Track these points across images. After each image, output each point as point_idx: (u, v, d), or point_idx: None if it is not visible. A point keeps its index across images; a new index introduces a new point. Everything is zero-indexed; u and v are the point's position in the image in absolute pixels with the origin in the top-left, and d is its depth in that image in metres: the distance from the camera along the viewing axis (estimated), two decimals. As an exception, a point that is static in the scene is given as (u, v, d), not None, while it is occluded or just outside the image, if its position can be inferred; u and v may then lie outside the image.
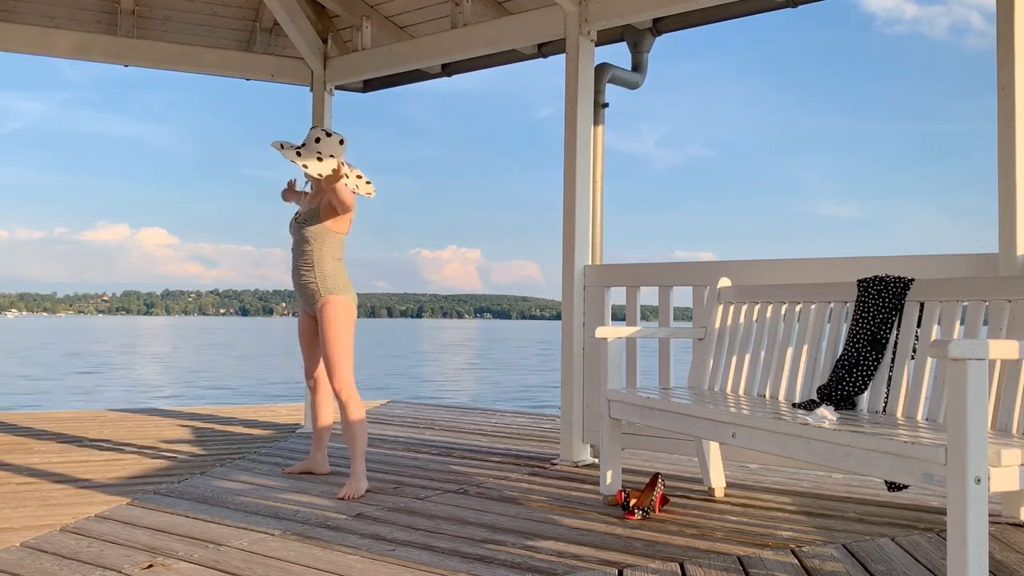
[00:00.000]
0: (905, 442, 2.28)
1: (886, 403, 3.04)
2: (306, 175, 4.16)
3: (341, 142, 4.11)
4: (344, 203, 3.99)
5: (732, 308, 3.88)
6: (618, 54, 5.45)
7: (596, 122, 5.08)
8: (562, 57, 4.86)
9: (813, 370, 3.39)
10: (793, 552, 2.94)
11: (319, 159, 4.01)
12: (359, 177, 4.18)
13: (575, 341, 4.76)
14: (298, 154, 4.02)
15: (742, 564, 2.81)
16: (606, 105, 5.21)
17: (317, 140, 4.07)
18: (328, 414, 4.43)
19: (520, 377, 26.19)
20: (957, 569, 2.08)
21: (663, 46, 5.45)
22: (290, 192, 4.50)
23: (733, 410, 3.03)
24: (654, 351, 4.57)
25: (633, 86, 5.44)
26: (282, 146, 4.06)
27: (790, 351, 3.52)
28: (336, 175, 3.87)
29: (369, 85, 6.52)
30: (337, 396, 4.05)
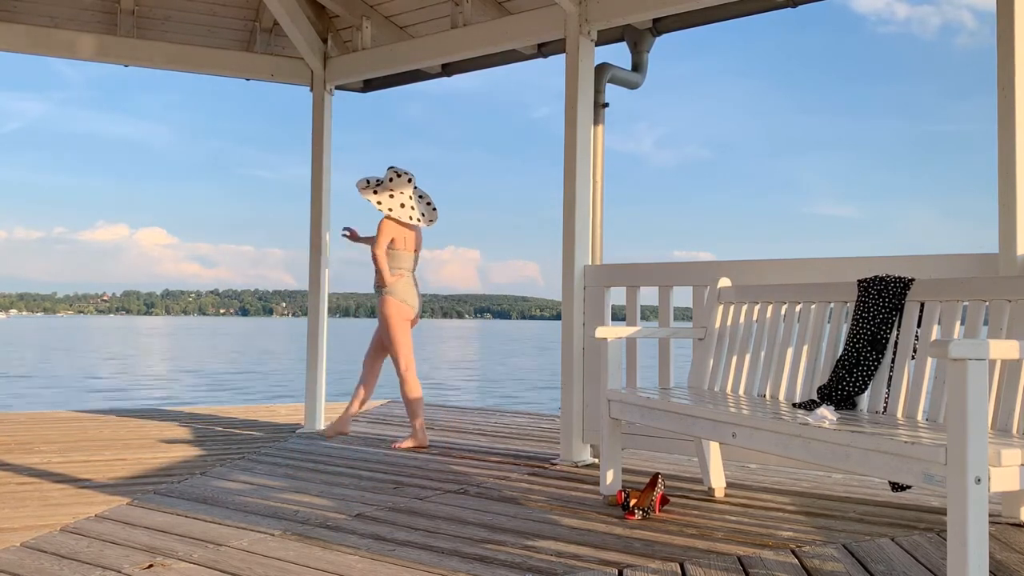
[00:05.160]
0: (905, 442, 2.28)
1: (886, 403, 3.04)
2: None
3: (410, 180, 5.35)
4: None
5: (732, 308, 3.88)
6: (618, 54, 5.45)
7: (596, 122, 5.08)
8: (562, 57, 4.86)
9: (813, 370, 3.39)
10: (793, 552, 2.94)
11: (391, 196, 5.29)
12: (402, 206, 5.28)
13: (575, 341, 4.76)
14: (375, 191, 5.29)
15: (742, 564, 2.80)
16: (606, 105, 5.20)
17: (391, 179, 5.33)
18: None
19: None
20: (957, 569, 2.08)
21: (663, 46, 5.45)
22: (354, 238, 5.66)
23: (733, 410, 3.03)
24: (654, 351, 4.57)
25: (633, 86, 5.44)
26: (367, 183, 5.33)
27: (790, 351, 3.52)
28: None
29: (369, 85, 6.51)
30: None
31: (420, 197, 5.44)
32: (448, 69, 6.08)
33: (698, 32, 5.35)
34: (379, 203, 5.27)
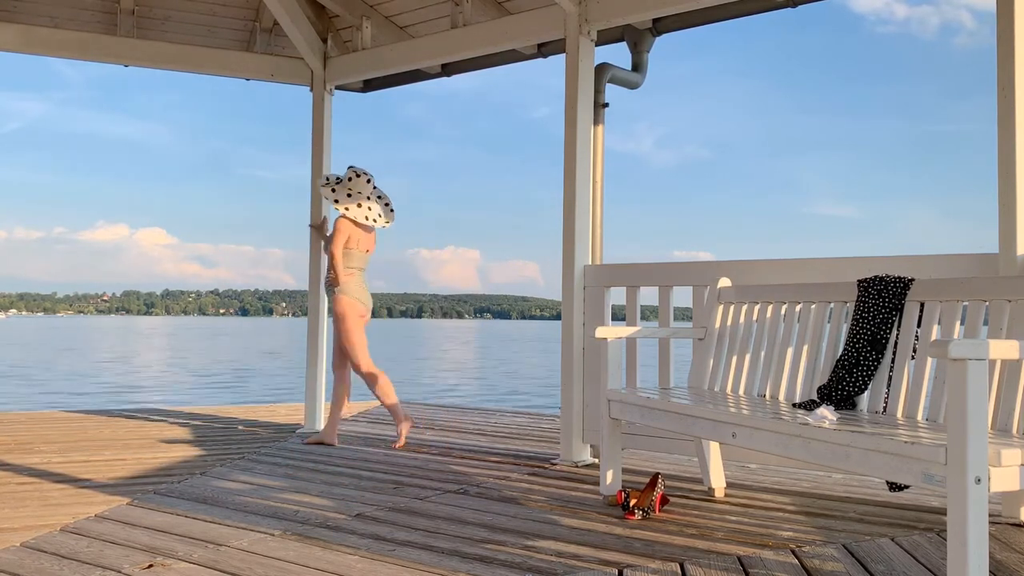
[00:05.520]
0: (905, 442, 2.28)
1: (886, 403, 3.04)
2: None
3: (369, 180, 5.33)
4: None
5: (732, 308, 3.88)
6: (618, 54, 5.45)
7: (596, 122, 5.08)
8: (562, 57, 4.86)
9: (813, 370, 3.39)
10: (793, 552, 2.94)
11: (348, 194, 5.29)
12: (359, 206, 5.28)
13: (575, 341, 4.76)
14: (333, 189, 5.28)
15: (742, 564, 2.81)
16: (606, 105, 5.21)
17: (350, 179, 5.31)
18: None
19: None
20: (957, 569, 2.08)
21: (663, 46, 5.45)
22: (320, 229, 5.86)
23: (733, 410, 3.03)
24: (654, 351, 4.57)
25: (633, 86, 5.44)
26: (327, 181, 5.34)
27: (790, 351, 3.52)
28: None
29: (369, 85, 6.51)
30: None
31: (379, 198, 5.45)
32: (448, 69, 6.08)
33: (698, 32, 5.35)
34: (336, 201, 5.27)
